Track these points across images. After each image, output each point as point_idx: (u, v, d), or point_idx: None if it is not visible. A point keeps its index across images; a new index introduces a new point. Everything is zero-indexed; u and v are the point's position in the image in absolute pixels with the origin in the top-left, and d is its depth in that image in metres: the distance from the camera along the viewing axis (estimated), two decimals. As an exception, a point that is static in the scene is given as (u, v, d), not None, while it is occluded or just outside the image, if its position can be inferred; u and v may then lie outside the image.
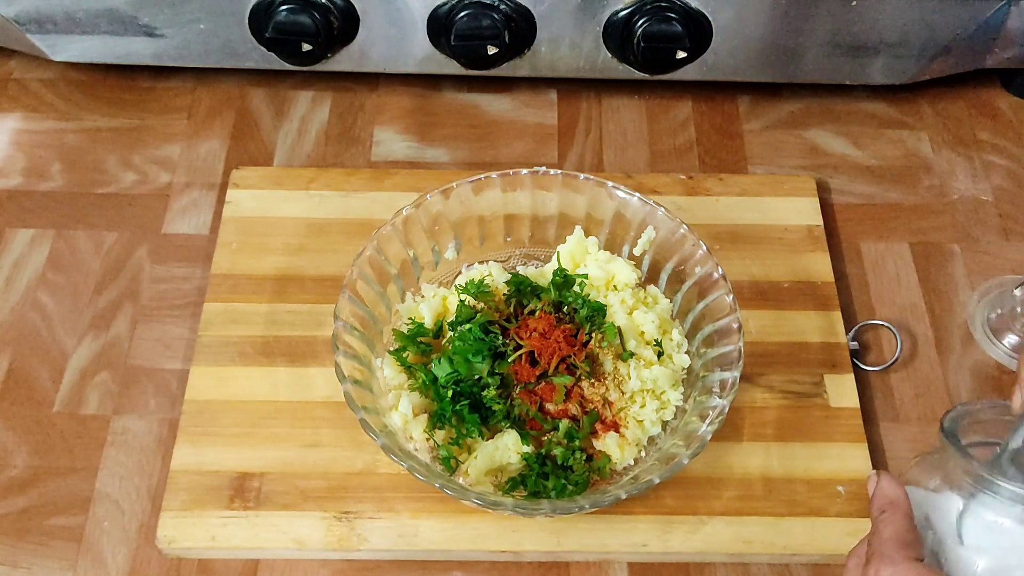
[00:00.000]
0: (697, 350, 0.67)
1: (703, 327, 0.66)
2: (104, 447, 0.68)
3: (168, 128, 0.86)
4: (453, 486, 0.59)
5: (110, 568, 0.64)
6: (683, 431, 0.63)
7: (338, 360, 0.62)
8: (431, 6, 0.78)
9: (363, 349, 0.65)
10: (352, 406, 0.60)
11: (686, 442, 0.61)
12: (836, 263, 0.77)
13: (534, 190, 0.71)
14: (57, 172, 0.83)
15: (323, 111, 0.87)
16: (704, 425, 0.61)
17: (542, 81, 0.88)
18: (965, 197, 0.82)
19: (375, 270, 0.67)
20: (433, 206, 0.69)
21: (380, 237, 0.67)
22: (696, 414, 0.62)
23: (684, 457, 0.59)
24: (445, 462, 0.63)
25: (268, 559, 0.64)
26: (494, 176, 0.70)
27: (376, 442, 0.59)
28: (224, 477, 0.65)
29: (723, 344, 0.64)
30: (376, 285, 0.67)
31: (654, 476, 0.59)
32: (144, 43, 0.82)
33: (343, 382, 0.61)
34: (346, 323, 0.64)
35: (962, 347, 0.74)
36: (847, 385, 0.70)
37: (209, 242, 0.78)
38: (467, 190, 0.70)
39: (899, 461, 0.68)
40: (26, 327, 0.74)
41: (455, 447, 0.63)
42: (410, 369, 0.66)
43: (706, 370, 0.65)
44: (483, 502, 0.58)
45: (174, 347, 0.73)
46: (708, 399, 0.62)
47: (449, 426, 0.63)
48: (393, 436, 0.62)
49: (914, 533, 0.50)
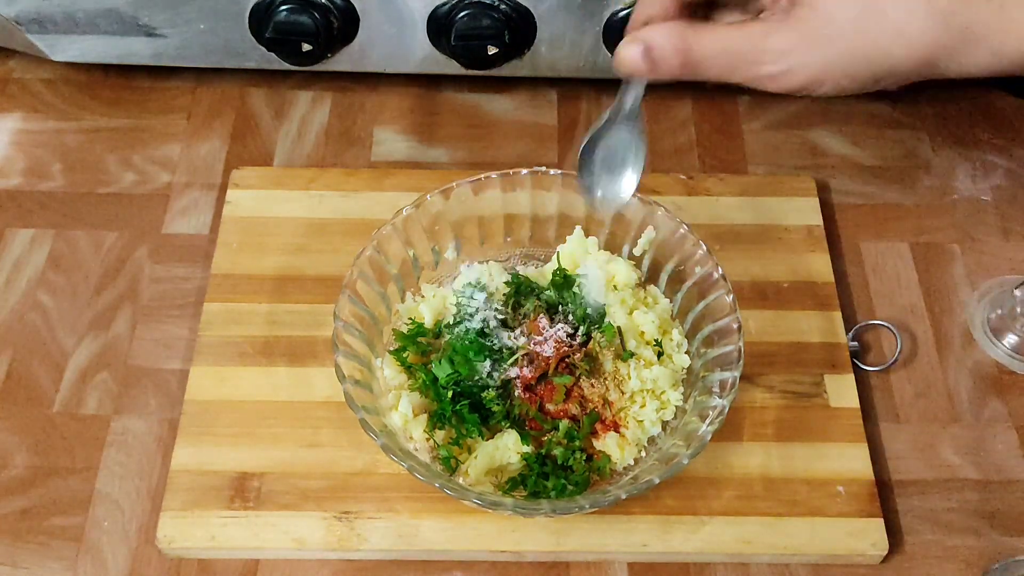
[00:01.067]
0: (697, 350, 0.67)
1: (703, 327, 0.66)
2: (104, 447, 0.68)
3: (168, 128, 0.86)
4: (453, 486, 0.59)
5: (110, 568, 0.64)
6: (683, 431, 0.63)
7: (338, 360, 0.62)
8: (431, 6, 0.78)
9: (363, 349, 0.65)
10: (352, 406, 0.60)
11: (686, 442, 0.61)
12: (836, 263, 0.77)
13: (534, 190, 0.71)
14: (57, 172, 0.83)
15: (323, 111, 0.87)
16: (704, 425, 0.61)
17: (542, 81, 0.88)
18: (965, 197, 0.82)
19: (375, 270, 0.67)
20: (433, 206, 0.69)
21: (380, 237, 0.67)
22: (696, 414, 0.62)
23: (684, 457, 0.59)
24: (445, 462, 0.63)
25: (268, 559, 0.64)
26: (494, 176, 0.70)
27: (376, 442, 0.59)
28: (224, 477, 0.65)
29: (723, 344, 0.64)
30: (376, 285, 0.67)
31: (654, 476, 0.59)
32: (144, 43, 0.82)
33: (343, 382, 0.61)
34: (346, 323, 0.64)
35: (962, 347, 0.74)
36: (847, 385, 0.70)
37: (209, 242, 0.78)
38: (467, 190, 0.70)
39: (899, 461, 0.68)
40: (26, 327, 0.74)
41: (455, 447, 0.63)
42: (410, 369, 0.66)
43: (706, 370, 0.65)
44: (483, 502, 0.58)
45: (174, 347, 0.73)
46: (708, 399, 0.62)
47: (449, 426, 0.63)
48: (393, 436, 0.62)
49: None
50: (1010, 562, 0.62)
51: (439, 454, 0.63)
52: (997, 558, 0.64)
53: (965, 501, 0.67)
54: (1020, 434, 0.70)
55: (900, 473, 0.68)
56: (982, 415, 0.71)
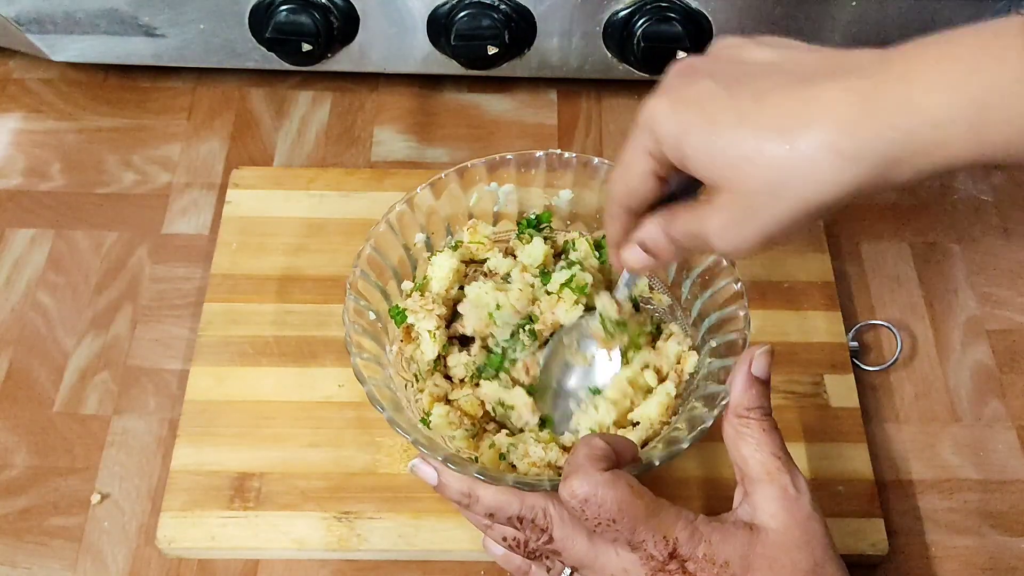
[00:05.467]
0: (702, 337, 0.65)
1: (710, 314, 0.65)
2: (104, 447, 0.68)
3: (168, 128, 0.86)
4: (489, 471, 0.56)
5: (110, 568, 0.64)
6: (687, 415, 0.62)
7: (355, 363, 0.60)
8: (431, 6, 0.78)
9: (375, 348, 0.64)
10: (375, 403, 0.58)
11: (688, 426, 0.60)
12: (836, 263, 0.77)
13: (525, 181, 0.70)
14: (57, 172, 0.83)
15: (323, 111, 0.87)
16: (708, 411, 0.59)
17: (542, 81, 0.88)
18: (965, 197, 0.82)
19: (375, 267, 0.66)
20: (423, 201, 0.68)
21: (377, 235, 0.66)
22: (700, 399, 0.61)
23: (685, 441, 0.58)
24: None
25: (268, 559, 0.64)
26: (480, 163, 0.68)
27: (407, 439, 0.57)
28: (224, 477, 0.65)
29: (728, 332, 0.63)
30: (376, 281, 0.67)
31: (654, 458, 0.57)
32: (144, 43, 0.82)
33: (365, 384, 0.58)
34: (358, 300, 0.62)
35: (962, 347, 0.74)
36: (847, 385, 0.70)
37: (209, 242, 0.78)
38: (483, 169, 0.68)
39: (899, 461, 0.68)
40: (26, 327, 0.74)
41: (470, 439, 0.62)
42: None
43: (712, 356, 0.63)
44: (522, 484, 0.56)
45: (174, 347, 0.73)
46: (713, 386, 0.61)
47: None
48: (401, 411, 0.60)
49: (607, 449, 0.52)
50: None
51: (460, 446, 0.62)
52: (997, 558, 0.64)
53: (965, 501, 0.67)
54: (1020, 434, 0.70)
55: (900, 473, 0.68)
56: (982, 415, 0.71)
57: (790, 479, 0.52)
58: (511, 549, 0.56)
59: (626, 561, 0.51)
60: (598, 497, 0.49)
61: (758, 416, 0.54)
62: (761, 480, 0.52)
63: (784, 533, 0.51)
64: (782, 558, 0.50)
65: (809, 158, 0.43)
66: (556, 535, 0.53)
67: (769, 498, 0.52)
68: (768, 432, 0.53)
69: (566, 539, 0.53)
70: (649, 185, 0.50)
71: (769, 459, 0.52)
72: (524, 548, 0.55)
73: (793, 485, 0.52)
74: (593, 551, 0.52)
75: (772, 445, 0.53)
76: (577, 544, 0.52)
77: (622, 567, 0.51)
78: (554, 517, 0.53)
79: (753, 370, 0.54)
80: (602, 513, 0.50)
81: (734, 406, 0.54)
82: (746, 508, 0.52)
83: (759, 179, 0.44)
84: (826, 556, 0.51)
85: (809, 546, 0.50)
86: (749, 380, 0.54)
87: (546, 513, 0.53)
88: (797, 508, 0.51)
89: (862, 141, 0.42)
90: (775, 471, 0.52)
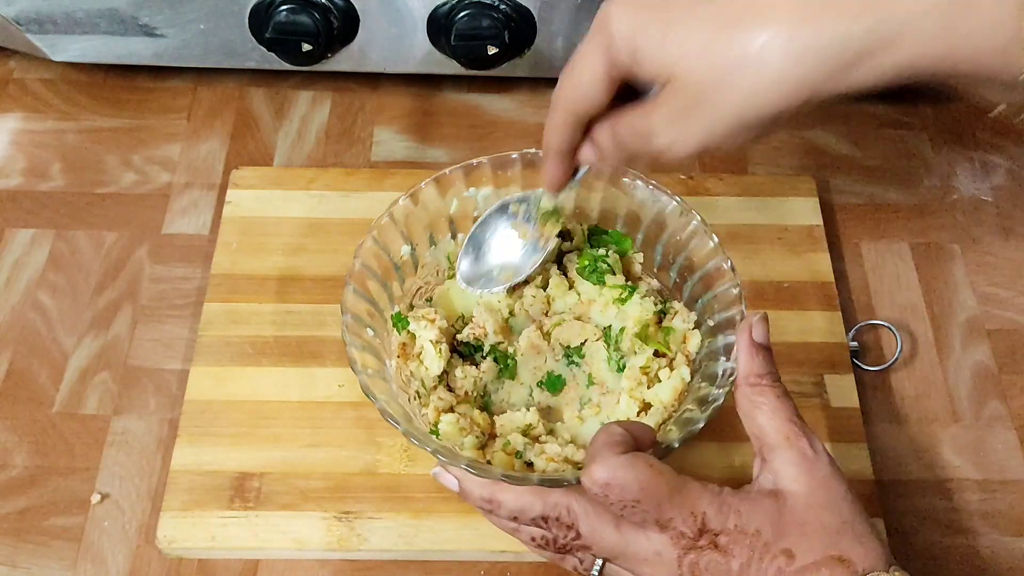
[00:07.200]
0: (701, 317, 0.65)
1: (704, 295, 0.65)
2: (104, 447, 0.68)
3: (168, 128, 0.86)
4: (478, 465, 0.57)
5: (110, 568, 0.64)
6: (695, 395, 0.61)
7: (351, 354, 0.60)
8: (431, 6, 0.78)
9: (376, 364, 0.64)
10: (368, 394, 0.58)
11: (699, 406, 0.59)
12: (836, 263, 0.77)
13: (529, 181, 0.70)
14: (57, 172, 0.83)
15: (323, 111, 0.87)
16: (715, 389, 0.59)
17: (542, 81, 0.88)
18: (965, 197, 0.82)
19: (378, 263, 0.66)
20: (427, 198, 0.68)
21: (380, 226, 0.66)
22: (706, 378, 0.61)
23: (700, 420, 0.57)
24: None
25: (268, 559, 0.64)
26: (484, 160, 0.69)
27: (427, 450, 0.57)
28: (224, 477, 0.65)
29: (726, 310, 0.62)
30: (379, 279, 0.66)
31: (674, 440, 0.57)
32: (144, 43, 0.82)
33: (359, 373, 0.59)
34: (355, 315, 0.62)
35: (962, 347, 0.74)
36: (847, 385, 0.70)
37: (209, 242, 0.78)
38: (460, 186, 0.69)
39: (899, 461, 0.68)
40: (26, 327, 0.74)
41: (463, 429, 0.62)
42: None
43: (711, 335, 0.63)
44: (546, 482, 0.56)
45: (174, 347, 0.73)
46: (716, 364, 0.61)
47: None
48: (412, 422, 0.60)
49: (624, 435, 0.52)
50: None
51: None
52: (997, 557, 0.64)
53: (965, 501, 0.67)
54: (1020, 434, 0.70)
55: (900, 473, 0.68)
56: (982, 415, 0.71)
57: (808, 442, 0.52)
58: (541, 548, 0.56)
59: (657, 543, 0.51)
60: (619, 479, 0.49)
61: (770, 382, 0.54)
62: (780, 446, 0.52)
63: (809, 495, 0.50)
64: (811, 520, 0.50)
65: (758, 51, 0.43)
66: (583, 530, 0.53)
67: (789, 462, 0.51)
68: (781, 399, 0.53)
69: (593, 532, 0.53)
70: (599, 88, 0.50)
71: (785, 425, 0.52)
72: (554, 546, 0.55)
73: (811, 447, 0.52)
74: (623, 539, 0.52)
75: (787, 411, 0.53)
76: (606, 535, 0.52)
77: (654, 550, 0.51)
78: (578, 512, 0.53)
79: (754, 336, 0.55)
80: (625, 495, 0.49)
81: (744, 375, 0.54)
82: (767, 476, 0.52)
83: (706, 71, 0.44)
84: (853, 512, 0.50)
85: (836, 505, 0.50)
86: (754, 347, 0.55)
87: (570, 509, 0.53)
88: (817, 469, 0.51)
89: (815, 34, 0.41)
90: (793, 436, 0.52)
